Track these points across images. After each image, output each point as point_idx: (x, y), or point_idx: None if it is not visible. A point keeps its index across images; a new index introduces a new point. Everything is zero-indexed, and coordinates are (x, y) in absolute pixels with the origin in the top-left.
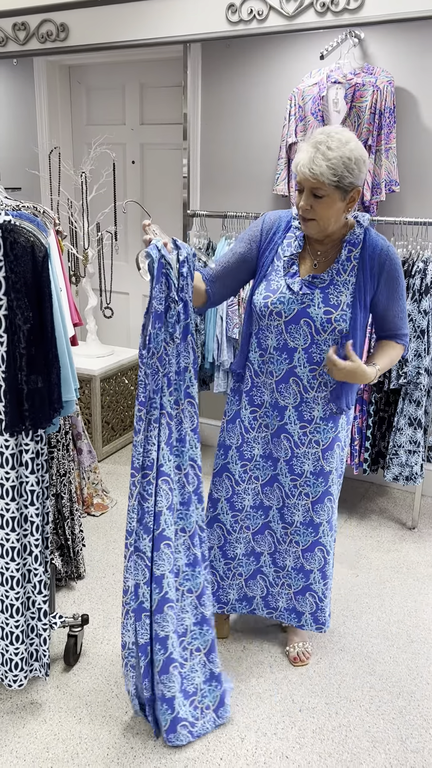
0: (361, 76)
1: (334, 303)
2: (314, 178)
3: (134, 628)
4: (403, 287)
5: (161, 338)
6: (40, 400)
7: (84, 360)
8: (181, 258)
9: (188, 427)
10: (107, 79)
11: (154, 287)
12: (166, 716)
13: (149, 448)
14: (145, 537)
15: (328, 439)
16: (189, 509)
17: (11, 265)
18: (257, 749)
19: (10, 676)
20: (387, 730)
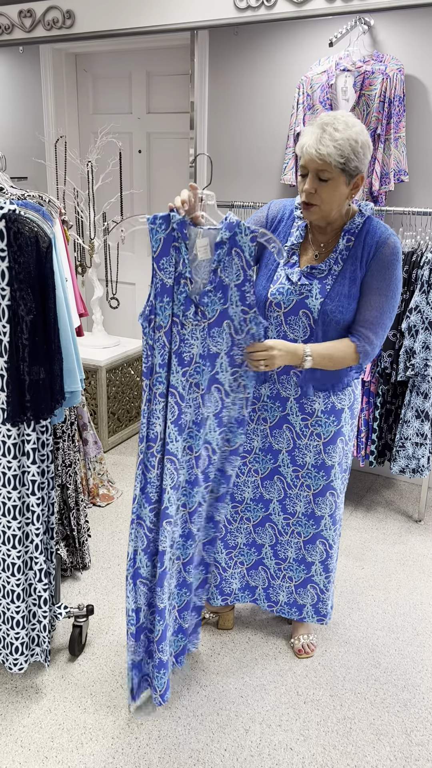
0: (370, 63)
1: (332, 294)
2: (321, 159)
3: (134, 594)
4: (394, 286)
5: (168, 313)
6: (42, 391)
7: (90, 351)
8: (220, 238)
9: (210, 412)
10: (113, 68)
11: (160, 259)
12: (163, 680)
13: (153, 421)
14: (146, 506)
15: (330, 433)
16: (194, 489)
17: (14, 255)
18: (261, 741)
19: (11, 659)
20: (392, 722)
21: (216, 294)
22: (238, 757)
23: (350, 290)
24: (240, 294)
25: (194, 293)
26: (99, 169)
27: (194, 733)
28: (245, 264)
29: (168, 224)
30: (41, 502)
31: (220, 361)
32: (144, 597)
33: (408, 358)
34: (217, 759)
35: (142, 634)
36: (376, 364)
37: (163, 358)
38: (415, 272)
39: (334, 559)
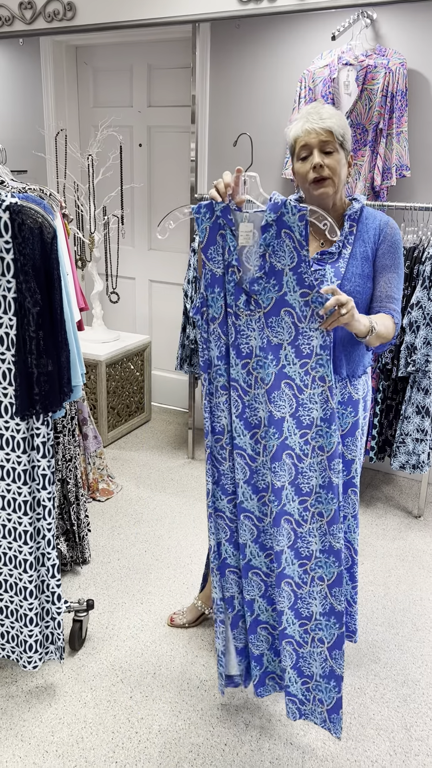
0: (373, 57)
1: (347, 275)
2: (325, 130)
3: (220, 584)
4: (401, 262)
5: (220, 303)
6: (50, 384)
7: (90, 345)
8: (266, 221)
9: (286, 413)
10: (114, 60)
11: (208, 248)
12: (255, 671)
13: (218, 414)
14: (223, 498)
15: (348, 424)
16: (273, 495)
17: (19, 247)
18: (261, 735)
19: (24, 657)
20: (391, 717)
21: (268, 281)
22: (239, 751)
23: (363, 270)
24: (297, 277)
25: (244, 281)
26: (99, 163)
27: (194, 727)
28: (297, 245)
29: (212, 212)
30: (51, 497)
31: (284, 353)
32: (236, 585)
33: (409, 354)
34: (218, 753)
35: (240, 621)
36: (377, 359)
37: (220, 350)
38: (416, 268)
39: (358, 566)
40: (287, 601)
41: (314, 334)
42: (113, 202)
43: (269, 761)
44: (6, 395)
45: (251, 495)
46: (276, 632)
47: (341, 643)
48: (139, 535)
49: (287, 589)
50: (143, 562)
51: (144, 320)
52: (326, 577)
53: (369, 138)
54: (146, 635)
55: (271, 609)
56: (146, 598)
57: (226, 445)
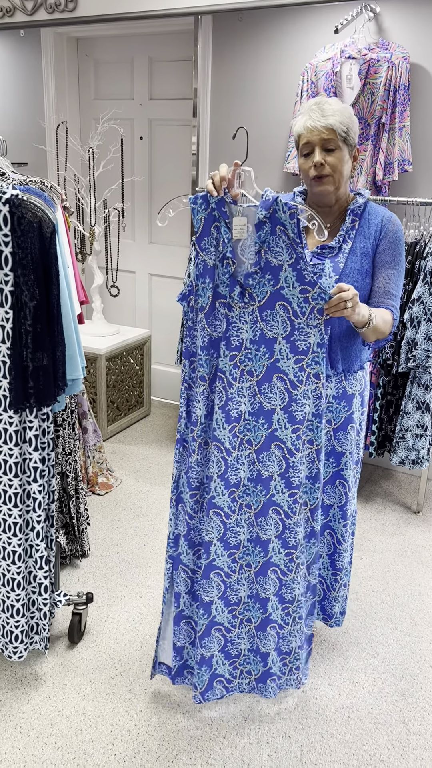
0: (375, 51)
1: (346, 270)
2: (326, 128)
3: (170, 576)
4: (402, 259)
5: (208, 294)
6: (45, 378)
7: (89, 339)
8: (258, 219)
9: (277, 405)
10: (116, 53)
11: (202, 239)
12: (203, 678)
13: (194, 405)
14: (187, 491)
15: (341, 418)
16: (257, 487)
17: (18, 240)
18: (260, 729)
19: (10, 648)
20: (390, 712)
21: (263, 276)
22: (237, 744)
23: (362, 265)
24: (297, 274)
25: (239, 274)
26: (100, 156)
27: (193, 720)
28: (292, 242)
29: (207, 204)
30: (42, 490)
31: (278, 347)
32: (184, 584)
33: (410, 349)
34: (216, 746)
35: (182, 621)
36: (377, 355)
37: (203, 340)
38: (418, 263)
39: (345, 557)
40: (273, 588)
41: (312, 331)
42: (114, 195)
43: (267, 754)
44: (0, 388)
45: (223, 490)
46: (231, 634)
47: (314, 609)
48: (138, 529)
49: (273, 576)
50: (142, 556)
51: (144, 314)
52: (307, 560)
53: (371, 132)
54: (145, 628)
55: (227, 611)
56: (145, 591)
57: (197, 437)
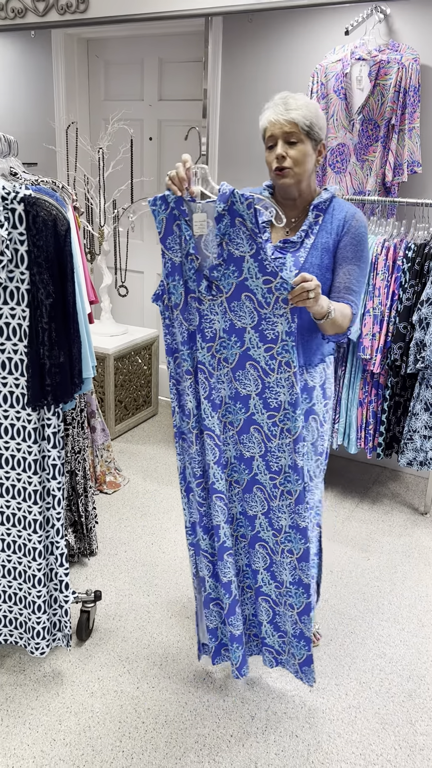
0: (386, 53)
1: (305, 265)
2: (289, 122)
3: (194, 562)
4: (364, 255)
5: (180, 291)
6: (62, 375)
7: (98, 338)
8: (217, 212)
9: (252, 391)
10: (126, 54)
11: (166, 238)
12: (237, 654)
13: (185, 398)
14: (193, 481)
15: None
16: (241, 465)
17: (33, 239)
18: (267, 727)
19: (32, 644)
20: (396, 712)
21: (227, 267)
22: (244, 743)
23: (323, 260)
24: (258, 264)
25: (204, 268)
26: (110, 156)
27: (200, 718)
28: (251, 233)
29: (167, 204)
30: (61, 487)
31: (248, 336)
32: (206, 569)
33: (418, 350)
34: (224, 744)
35: (211, 603)
36: (386, 356)
37: (183, 335)
38: (427, 264)
39: (312, 548)
40: (262, 561)
41: (279, 320)
42: (123, 195)
43: (275, 753)
44: (18, 386)
45: (221, 476)
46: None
47: (309, 610)
48: (145, 528)
49: (262, 551)
50: (150, 555)
51: (152, 314)
52: (294, 552)
53: (381, 134)
54: (153, 627)
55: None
56: (153, 590)
57: (193, 428)
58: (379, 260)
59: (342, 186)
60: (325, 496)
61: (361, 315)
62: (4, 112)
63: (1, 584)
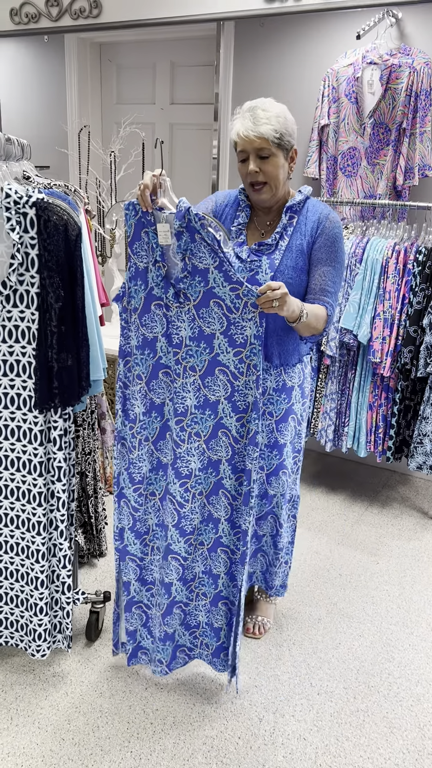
0: (397, 57)
1: (281, 267)
2: (259, 137)
3: (119, 567)
4: (341, 257)
5: (141, 296)
6: (70, 378)
7: (108, 340)
8: (177, 227)
9: (221, 396)
10: (138, 58)
11: (133, 243)
12: (167, 651)
13: (133, 402)
14: (129, 486)
15: (281, 410)
16: (206, 473)
17: (44, 243)
18: (275, 730)
19: (33, 646)
20: (405, 716)
21: (193, 278)
22: (252, 745)
23: (297, 262)
24: (223, 275)
25: (171, 277)
26: (121, 160)
27: (208, 720)
28: (212, 247)
29: (137, 211)
30: (65, 489)
31: (217, 342)
32: (133, 573)
33: (429, 354)
34: (231, 747)
35: (133, 606)
36: (396, 359)
37: (138, 340)
38: None
39: (285, 538)
40: (223, 567)
41: (247, 324)
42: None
43: (282, 756)
44: (26, 388)
45: (174, 479)
46: (188, 608)
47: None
48: None
49: (223, 556)
50: None
51: None
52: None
53: (392, 137)
54: None
55: (186, 589)
56: None
57: (137, 434)
58: (390, 264)
59: (353, 190)
60: (333, 500)
61: (371, 318)
62: (17, 116)
63: (2, 586)
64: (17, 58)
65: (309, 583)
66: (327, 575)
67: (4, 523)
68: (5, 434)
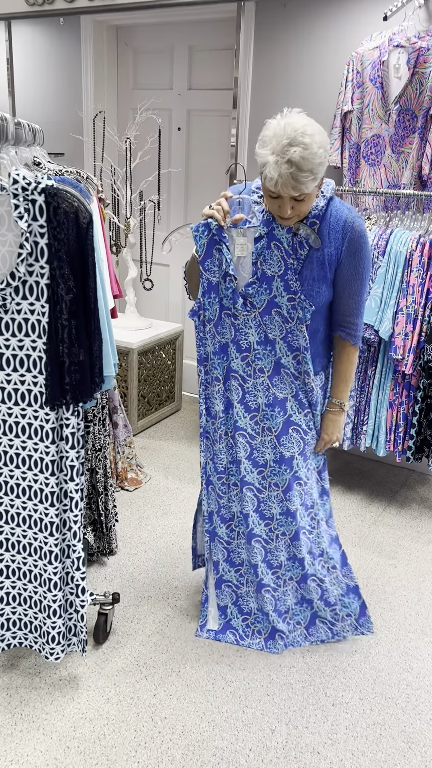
0: (426, 39)
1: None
2: (298, 191)
3: (209, 548)
4: (366, 267)
5: (215, 307)
6: (82, 374)
7: (122, 332)
8: (259, 233)
9: (287, 394)
10: (155, 41)
11: (205, 261)
12: (266, 624)
13: (213, 401)
14: (214, 474)
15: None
16: (281, 467)
17: (54, 231)
18: (288, 742)
19: (47, 649)
20: (424, 731)
21: (261, 285)
22: (264, 758)
23: (319, 273)
24: (284, 284)
25: (240, 287)
26: (137, 147)
27: (219, 730)
28: (285, 254)
29: (209, 230)
30: (78, 489)
31: (279, 346)
32: (221, 553)
33: None
34: (242, 759)
35: (223, 584)
36: (418, 356)
37: (215, 346)
38: None
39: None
40: (306, 549)
41: (300, 334)
42: (150, 186)
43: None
44: (36, 384)
45: (251, 469)
46: (276, 594)
47: (344, 562)
48: (166, 527)
49: (306, 539)
50: (170, 555)
51: (177, 308)
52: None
53: (418, 124)
54: (172, 631)
55: (270, 572)
56: (172, 592)
57: (218, 429)
58: (414, 257)
59: (376, 179)
60: (350, 500)
61: (393, 313)
62: (33, 101)
63: (16, 587)
64: (33, 42)
65: None
66: None
67: (17, 523)
68: (16, 431)
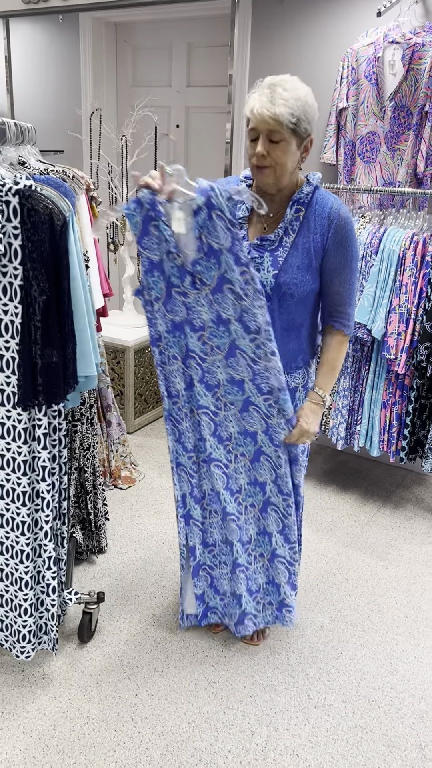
0: (421, 35)
1: (285, 266)
2: (273, 118)
3: (185, 532)
4: (354, 255)
5: (161, 285)
6: (55, 375)
7: (118, 330)
8: (196, 205)
9: (245, 377)
10: (154, 38)
11: (142, 239)
12: (235, 610)
13: (172, 380)
14: (183, 454)
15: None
16: (246, 439)
17: (28, 233)
18: (267, 744)
19: (17, 647)
20: (405, 735)
21: (209, 260)
22: (242, 760)
23: (303, 262)
24: (234, 257)
25: (187, 264)
26: (135, 144)
27: (198, 731)
28: (229, 224)
29: (141, 207)
30: (52, 488)
31: (233, 327)
32: (197, 537)
33: None
34: (220, 760)
35: (200, 569)
36: (411, 356)
37: (167, 325)
38: None
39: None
40: (275, 526)
41: (258, 312)
42: None
43: None
44: (9, 384)
45: (217, 445)
46: (248, 572)
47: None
48: (157, 526)
49: (274, 515)
50: (160, 555)
51: None
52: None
53: (413, 121)
54: (157, 631)
55: (243, 549)
56: (160, 591)
57: (182, 407)
58: (407, 255)
59: (372, 176)
60: (344, 500)
61: (386, 313)
62: (32, 99)
63: None
64: (32, 40)
65: (313, 588)
66: (333, 579)
67: None
68: None
